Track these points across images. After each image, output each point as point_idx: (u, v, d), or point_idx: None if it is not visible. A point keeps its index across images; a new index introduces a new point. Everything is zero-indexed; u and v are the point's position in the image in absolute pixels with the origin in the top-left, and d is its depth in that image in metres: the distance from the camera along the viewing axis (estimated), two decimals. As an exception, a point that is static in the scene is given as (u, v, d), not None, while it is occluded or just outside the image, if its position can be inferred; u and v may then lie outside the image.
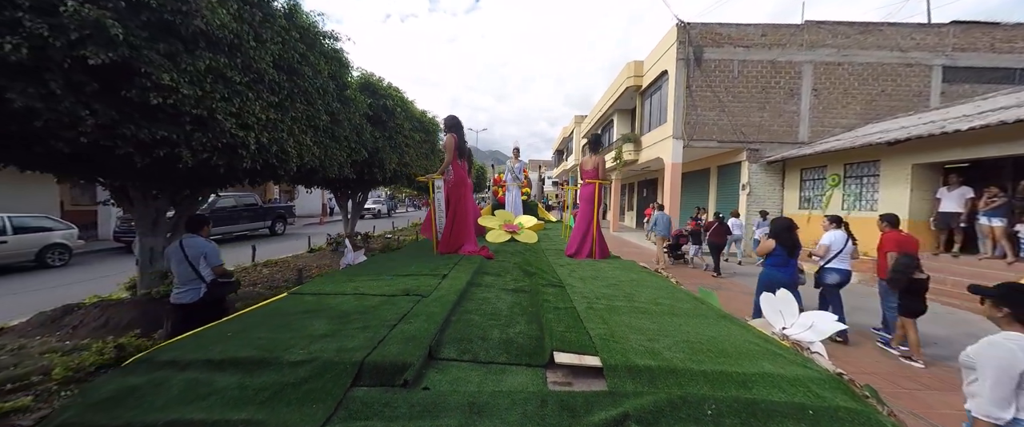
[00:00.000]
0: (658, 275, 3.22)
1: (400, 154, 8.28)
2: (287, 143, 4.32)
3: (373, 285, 2.48)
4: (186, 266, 3.07)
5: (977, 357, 1.58)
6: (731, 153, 11.16)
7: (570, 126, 29.35)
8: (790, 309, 1.96)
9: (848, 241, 4.34)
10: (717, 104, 10.60)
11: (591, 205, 4.06)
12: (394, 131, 7.81)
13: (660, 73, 11.56)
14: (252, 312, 2.02)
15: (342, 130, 5.55)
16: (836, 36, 10.45)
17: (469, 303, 2.19)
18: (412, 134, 8.88)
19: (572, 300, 2.25)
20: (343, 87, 5.58)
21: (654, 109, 12.63)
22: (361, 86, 7.05)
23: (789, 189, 10.41)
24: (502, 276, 2.96)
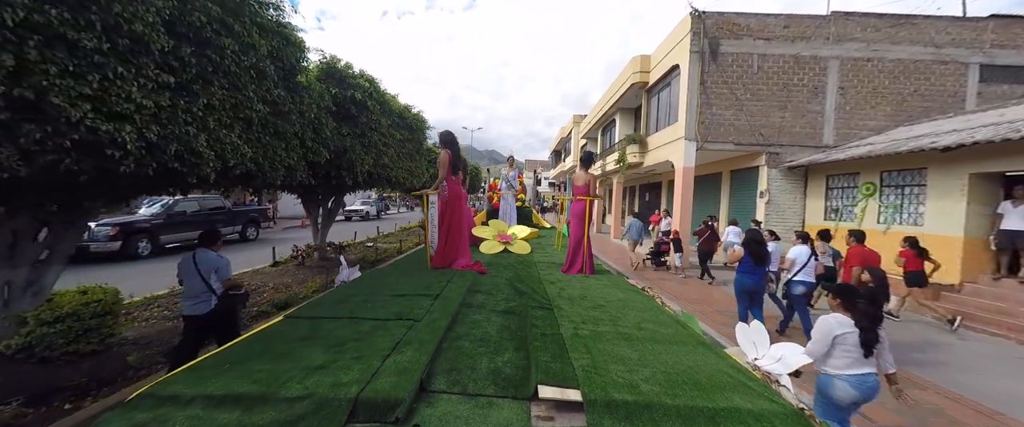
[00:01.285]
0: (644, 294, 3.25)
1: (376, 154, 7.12)
2: (196, 141, 3.17)
3: (367, 308, 2.54)
4: (198, 279, 3.15)
5: (815, 325, 2.43)
6: (747, 157, 10.15)
7: (568, 126, 28.30)
8: (762, 340, 2.07)
9: (811, 256, 4.64)
10: (734, 102, 9.58)
11: (582, 221, 4.15)
12: (367, 128, 6.65)
13: (670, 68, 10.51)
14: (250, 339, 2.07)
15: (290, 125, 4.40)
16: (865, 29, 9.47)
17: (460, 327, 2.29)
18: (391, 131, 7.73)
19: (559, 324, 2.34)
20: (292, 71, 4.43)
21: (662, 108, 11.59)
22: (323, 73, 5.90)
23: (813, 197, 9.42)
24: (493, 295, 3.01)
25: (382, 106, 7.06)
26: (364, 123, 6.51)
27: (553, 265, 4.38)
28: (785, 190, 9.62)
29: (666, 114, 11.22)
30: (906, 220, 7.19)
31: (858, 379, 2.25)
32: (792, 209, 9.61)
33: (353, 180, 6.66)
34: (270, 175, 4.27)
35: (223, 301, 3.25)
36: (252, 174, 4.10)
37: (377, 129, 7.03)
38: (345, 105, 6.04)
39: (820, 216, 9.17)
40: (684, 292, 7.31)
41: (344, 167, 6.34)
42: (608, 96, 15.85)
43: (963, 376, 4.00)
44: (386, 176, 7.93)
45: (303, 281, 6.90)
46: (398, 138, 8.10)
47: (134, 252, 9.28)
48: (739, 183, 10.91)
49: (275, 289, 6.37)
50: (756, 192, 10.01)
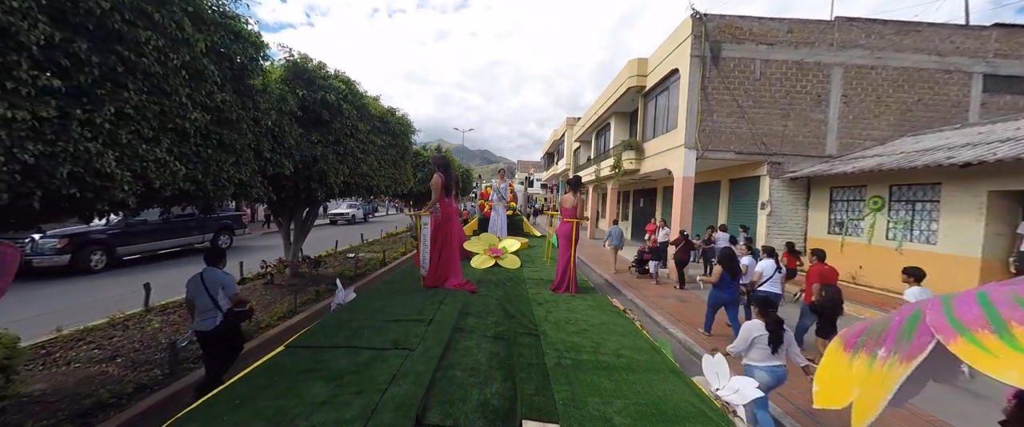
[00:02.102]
0: (625, 316, 3.49)
1: (353, 163, 6.46)
2: (101, 159, 2.51)
3: (364, 335, 2.69)
4: (206, 297, 3.31)
5: (741, 328, 3.15)
6: (747, 165, 9.75)
7: (561, 129, 27.85)
8: (724, 372, 2.32)
9: (776, 270, 5.04)
10: (736, 109, 9.16)
11: (569, 242, 4.34)
12: (342, 134, 5.98)
13: (669, 72, 10.06)
14: (255, 372, 2.15)
15: (239, 135, 3.73)
16: (869, 36, 9.15)
17: (453, 354, 2.45)
18: (371, 137, 7.06)
19: (544, 353, 2.54)
20: (243, 71, 3.76)
21: (660, 113, 11.14)
22: (291, 74, 5.22)
23: (816, 209, 9.06)
24: (483, 318, 3.20)
25: (360, 110, 6.40)
26: (338, 129, 5.84)
27: (541, 282, 4.66)
28: (787, 201, 9.24)
29: (664, 120, 10.77)
30: (919, 237, 6.83)
31: (770, 369, 2.97)
32: (794, 221, 9.24)
33: (326, 192, 5.98)
34: (215, 194, 3.60)
35: (228, 318, 3.42)
36: (190, 194, 3.43)
37: (354, 135, 6.36)
38: (315, 109, 5.37)
39: (823, 229, 8.81)
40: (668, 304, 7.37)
41: (314, 178, 5.66)
42: (603, 100, 15.39)
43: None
44: (365, 185, 7.27)
45: (269, 304, 6.19)
46: (379, 144, 7.44)
47: (86, 266, 8.42)
48: (739, 192, 10.52)
49: (235, 315, 5.65)
50: (757, 202, 9.62)
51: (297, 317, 5.68)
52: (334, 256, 10.90)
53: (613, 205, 15.77)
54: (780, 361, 2.99)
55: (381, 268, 9.47)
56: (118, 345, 4.44)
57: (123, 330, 4.92)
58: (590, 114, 17.97)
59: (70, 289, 7.30)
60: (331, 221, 23.63)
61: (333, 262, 9.97)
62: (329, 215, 23.79)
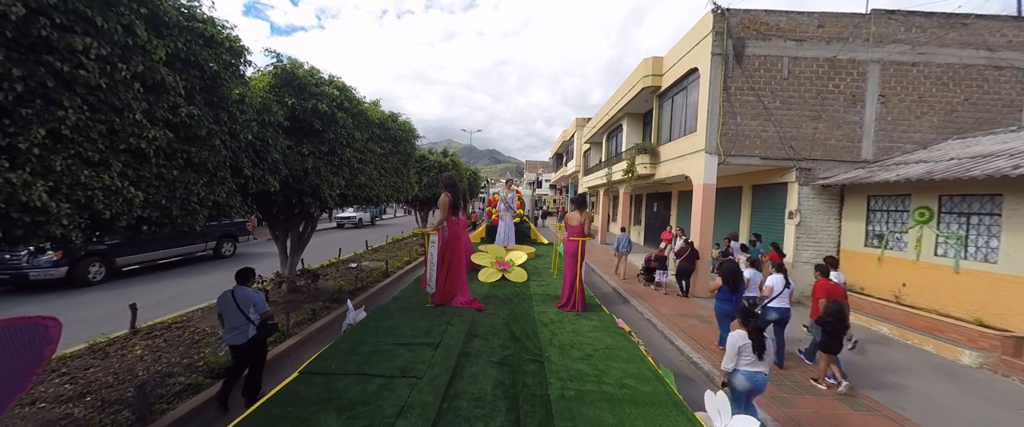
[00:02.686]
0: (630, 339, 3.52)
1: (349, 174, 6.05)
2: (29, 191, 2.11)
3: (373, 360, 2.75)
4: (238, 313, 3.50)
5: (727, 340, 3.17)
6: (773, 171, 9.06)
7: (571, 129, 27.22)
8: (726, 410, 2.24)
9: (785, 285, 4.90)
10: (761, 111, 8.49)
11: (575, 260, 4.36)
12: (337, 144, 5.57)
13: (687, 71, 9.43)
14: (271, 401, 2.22)
15: (213, 152, 3.32)
16: (909, 30, 8.38)
17: (459, 382, 2.51)
18: (370, 146, 6.65)
19: (548, 382, 2.56)
20: (215, 81, 3.35)
21: (677, 115, 10.50)
22: (280, 81, 4.82)
23: (850, 220, 8.33)
24: (490, 340, 3.27)
25: (356, 117, 5.98)
26: (332, 139, 5.43)
27: (548, 298, 4.71)
28: (818, 211, 8.53)
29: (682, 122, 10.14)
30: (976, 255, 6.11)
31: (750, 374, 3.07)
32: (826, 232, 8.53)
33: (320, 206, 5.57)
34: (184, 219, 3.20)
35: (260, 331, 3.61)
36: (154, 221, 3.03)
37: (350, 144, 5.95)
38: (306, 119, 4.96)
39: (859, 241, 8.09)
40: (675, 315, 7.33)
41: (306, 192, 5.26)
42: (615, 100, 14.77)
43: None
44: (364, 196, 6.87)
45: (261, 324, 5.83)
46: (379, 152, 7.03)
47: (84, 279, 8.23)
48: (763, 200, 9.82)
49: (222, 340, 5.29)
50: (783, 211, 8.93)
51: (289, 342, 5.29)
52: (336, 266, 10.57)
53: (625, 209, 15.15)
54: (762, 368, 3.11)
55: (384, 280, 9.08)
56: (92, 379, 4.09)
57: (102, 358, 4.60)
58: (601, 115, 17.35)
59: (64, 304, 7.08)
60: (338, 225, 23.50)
61: (334, 273, 9.63)
62: (336, 219, 23.65)
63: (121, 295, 7.75)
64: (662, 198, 15.91)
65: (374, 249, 13.79)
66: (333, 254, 11.93)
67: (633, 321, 6.88)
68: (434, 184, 15.16)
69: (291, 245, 7.11)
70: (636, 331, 6.51)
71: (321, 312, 6.39)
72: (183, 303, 7.16)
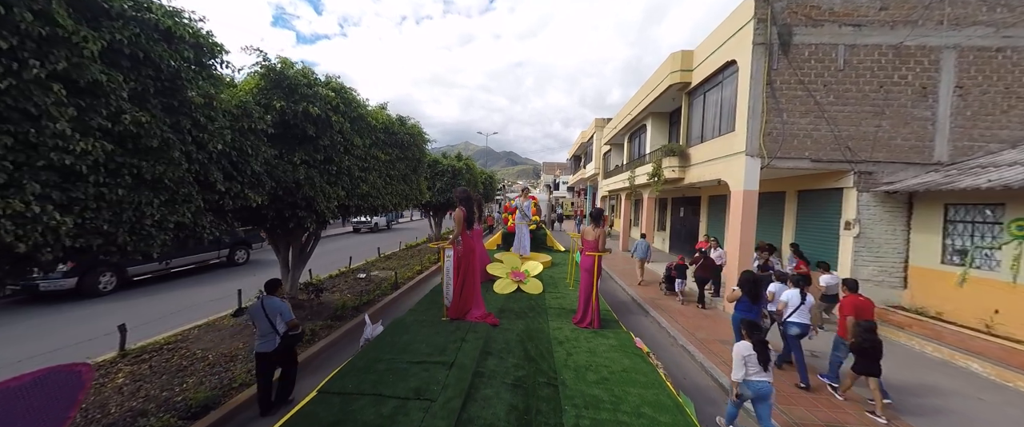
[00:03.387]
0: (648, 361, 3.43)
1: (349, 183, 5.54)
2: None
3: (389, 380, 2.78)
4: (266, 321, 3.64)
5: (733, 351, 3.34)
6: (824, 175, 7.99)
7: (590, 130, 26.29)
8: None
9: (801, 301, 4.72)
10: (812, 107, 7.47)
11: (591, 275, 4.40)
12: (334, 151, 5.06)
13: (723, 65, 8.49)
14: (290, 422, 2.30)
15: (171, 166, 2.82)
16: (994, 9, 7.16)
17: (472, 406, 2.49)
18: (373, 152, 6.14)
19: (562, 409, 2.55)
20: (175, 82, 2.84)
21: (710, 114, 9.54)
22: (266, 83, 4.34)
23: (922, 232, 7.17)
24: (504, 359, 3.22)
25: (356, 122, 5.47)
26: (328, 146, 4.93)
27: (564, 312, 4.68)
28: (881, 220, 7.41)
29: (716, 122, 9.17)
30: (1101, 280, 4.94)
31: (754, 384, 3.24)
32: (890, 246, 7.39)
33: (316, 220, 5.07)
34: (136, 246, 2.70)
35: (285, 341, 3.71)
36: (95, 250, 2.53)
37: (350, 151, 5.44)
38: (297, 124, 4.47)
39: (934, 257, 6.92)
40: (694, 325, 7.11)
41: (300, 205, 4.77)
42: (638, 99, 13.85)
43: None
44: (368, 206, 6.36)
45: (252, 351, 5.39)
46: (384, 159, 6.51)
47: (94, 289, 8.14)
48: (811, 207, 8.72)
49: (211, 366, 4.86)
50: (836, 221, 7.84)
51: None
52: (345, 276, 10.19)
53: (650, 215, 14.15)
54: (766, 378, 3.20)
55: (394, 292, 8.59)
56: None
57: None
58: (622, 115, 16.43)
59: (70, 319, 6.92)
60: (354, 229, 23.50)
61: (342, 284, 9.22)
62: (352, 223, 23.66)
63: (130, 307, 7.58)
64: (690, 203, 14.82)
65: (386, 256, 13.41)
66: (344, 262, 11.60)
67: (652, 334, 6.68)
68: (448, 189, 14.70)
69: (293, 258, 6.69)
70: (655, 344, 5.95)
71: (320, 333, 5.89)
72: (190, 316, 6.87)
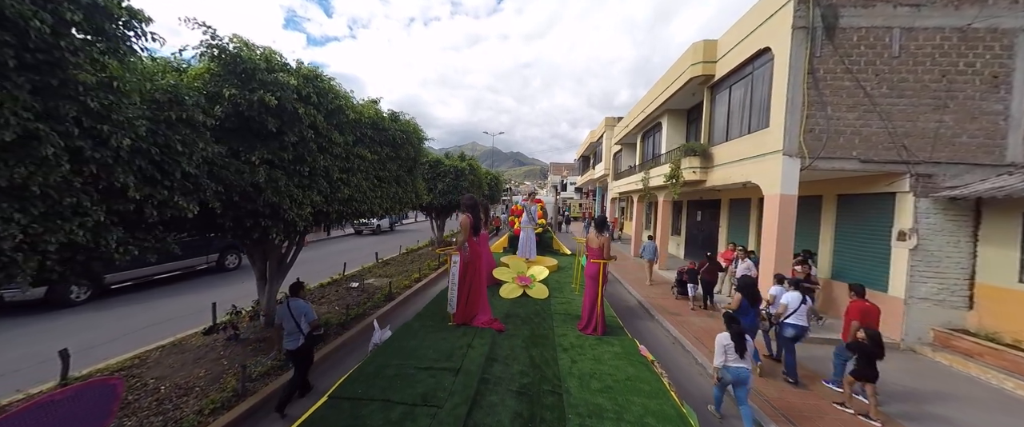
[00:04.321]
0: (652, 370, 3.46)
1: (327, 186, 4.80)
2: None
3: (397, 385, 2.88)
4: (292, 321, 3.88)
5: (716, 341, 3.82)
6: (872, 178, 7.01)
7: (599, 130, 25.34)
8: None
9: (801, 302, 4.89)
10: (861, 100, 6.51)
11: (596, 283, 4.45)
12: (305, 149, 4.30)
13: (754, 54, 7.56)
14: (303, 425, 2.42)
15: (44, 168, 2.07)
16: (1080, -17, 6.12)
17: (478, 413, 2.58)
18: (358, 151, 5.39)
19: (566, 418, 2.57)
20: (53, 53, 2.09)
21: (736, 109, 8.61)
22: (218, 67, 3.60)
23: (993, 245, 6.15)
24: (509, 366, 3.34)
25: (334, 116, 4.71)
26: (297, 143, 4.17)
27: (569, 317, 4.76)
28: (942, 230, 6.40)
29: (743, 117, 8.24)
30: None
31: (734, 369, 3.68)
32: (953, 260, 6.38)
33: (280, 230, 4.31)
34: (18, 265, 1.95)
35: (308, 340, 3.94)
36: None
37: (328, 150, 4.69)
38: (256, 117, 3.71)
39: (1009, 274, 5.90)
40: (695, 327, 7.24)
41: (262, 213, 4.02)
42: (653, 95, 12.93)
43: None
44: (352, 211, 5.61)
45: (220, 376, 4.67)
46: (371, 158, 5.76)
47: (65, 299, 7.56)
48: (854, 214, 7.72)
49: (159, 403, 4.13)
50: (885, 230, 6.85)
51: (244, 406, 4.04)
52: (336, 284, 9.48)
53: (665, 219, 13.19)
54: (743, 364, 3.69)
55: (387, 304, 7.84)
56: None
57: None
58: (635, 113, 15.49)
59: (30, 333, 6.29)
60: (356, 231, 22.92)
61: (331, 294, 8.50)
62: (355, 225, 23.08)
63: (100, 320, 6.96)
64: (708, 207, 13.82)
65: (384, 262, 12.70)
66: (339, 268, 10.90)
67: (659, 340, 6.51)
68: (450, 191, 13.96)
69: (270, 270, 5.97)
70: (660, 350, 5.84)
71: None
72: (161, 332, 6.20)
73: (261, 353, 5.32)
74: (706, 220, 14.07)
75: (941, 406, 4.52)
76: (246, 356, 5.22)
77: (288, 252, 6.19)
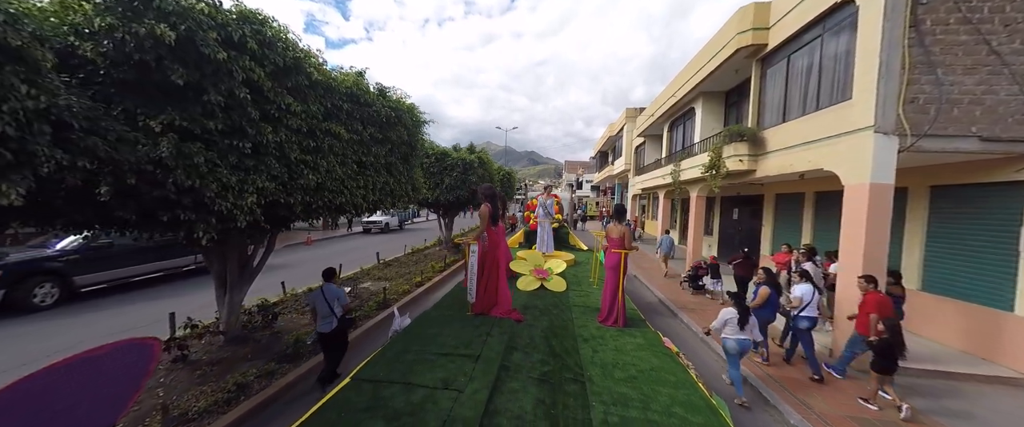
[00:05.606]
0: (678, 361, 3.33)
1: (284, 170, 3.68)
2: None
3: (417, 370, 2.86)
4: (326, 305, 4.05)
5: (719, 314, 4.21)
6: (992, 163, 5.41)
7: (618, 123, 23.77)
8: None
9: (814, 293, 4.89)
10: (984, 59, 4.96)
11: (616, 274, 4.37)
12: (242, 117, 3.18)
13: (829, 8, 6.05)
14: (325, 407, 2.38)
15: None
16: None
17: (499, 398, 2.52)
18: (328, 127, 4.26)
19: (590, 405, 2.52)
20: None
21: (798, 82, 7.10)
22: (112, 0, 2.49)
23: None
24: (529, 354, 3.24)
25: (286, 75, 3.57)
26: (226, 107, 3.04)
27: (588, 310, 4.71)
28: (1100, 231, 4.77)
29: (810, 92, 6.74)
30: None
31: (740, 341, 4.09)
32: (1117, 269, 4.75)
33: (214, 226, 3.20)
34: None
35: (341, 324, 4.11)
36: None
37: (281, 121, 3.57)
38: (152, 64, 2.59)
39: None
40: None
41: (181, 203, 2.91)
42: (686, 77, 11.41)
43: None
44: (324, 203, 4.49)
45: (144, 417, 3.61)
46: (347, 138, 4.62)
47: (27, 303, 6.78)
48: (956, 211, 6.08)
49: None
50: (1016, 232, 5.24)
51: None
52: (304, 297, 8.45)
53: (699, 217, 11.64)
54: (745, 336, 4.11)
55: (379, 313, 6.73)
56: None
57: None
58: (662, 100, 13.97)
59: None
60: (364, 229, 22.14)
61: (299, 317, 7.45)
62: (363, 223, 22.32)
63: (59, 329, 6.09)
64: (747, 203, 12.19)
65: (385, 263, 11.67)
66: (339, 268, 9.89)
67: (683, 338, 6.14)
68: (458, 185, 12.81)
69: (231, 275, 4.93)
70: (687, 348, 5.47)
71: (252, 388, 4.06)
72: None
73: (212, 379, 4.27)
74: (744, 218, 12.44)
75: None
76: (189, 384, 4.18)
77: (254, 254, 5.14)
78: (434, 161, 12.63)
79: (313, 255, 13.72)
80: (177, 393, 4.01)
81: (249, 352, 4.90)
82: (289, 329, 5.69)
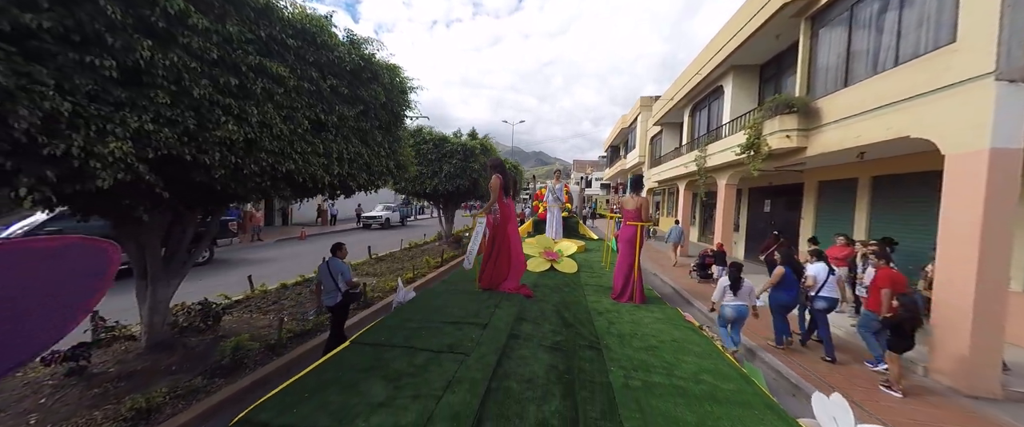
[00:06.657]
0: (701, 333, 3.13)
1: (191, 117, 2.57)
2: None
3: (422, 335, 2.73)
4: (330, 280, 4.13)
5: (718, 282, 4.30)
6: None
7: (632, 112, 22.43)
8: (844, 417, 1.71)
9: (829, 273, 4.80)
10: None
11: (632, 247, 4.15)
12: (99, 16, 2.05)
13: (918, -68, 4.75)
14: (323, 365, 2.27)
15: None
16: None
17: (509, 363, 2.35)
18: (271, 69, 3.15)
19: (609, 370, 2.29)
20: None
21: (866, 35, 5.79)
22: None
23: None
24: (540, 325, 3.08)
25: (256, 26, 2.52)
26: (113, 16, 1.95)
27: (601, 289, 4.43)
28: None
29: (884, 43, 5.44)
30: None
31: (735, 306, 4.17)
32: None
33: (33, 187, 2.10)
34: None
35: (345, 298, 4.18)
36: None
37: (171, 36, 2.47)
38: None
39: None
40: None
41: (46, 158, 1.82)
42: (714, 49, 10.10)
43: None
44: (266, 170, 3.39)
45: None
46: (293, 85, 3.50)
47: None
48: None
49: None
50: None
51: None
52: (306, 284, 7.42)
53: (728, 208, 10.27)
54: (741, 302, 4.16)
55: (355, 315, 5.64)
56: None
57: None
58: (683, 81, 12.65)
59: None
60: (364, 225, 21.19)
61: (289, 300, 6.39)
62: (363, 219, 21.40)
63: None
64: (781, 193, 10.80)
65: (377, 258, 10.61)
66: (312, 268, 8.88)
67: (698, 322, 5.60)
68: (458, 174, 11.71)
69: (151, 267, 3.86)
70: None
71: (161, 413, 2.97)
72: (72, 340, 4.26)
73: (113, 399, 3.21)
74: (778, 211, 11.06)
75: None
76: (78, 407, 3.11)
77: (183, 239, 4.07)
78: (432, 147, 11.56)
79: (305, 250, 12.79)
80: (56, 419, 2.95)
81: (175, 362, 3.83)
82: (237, 331, 4.61)
